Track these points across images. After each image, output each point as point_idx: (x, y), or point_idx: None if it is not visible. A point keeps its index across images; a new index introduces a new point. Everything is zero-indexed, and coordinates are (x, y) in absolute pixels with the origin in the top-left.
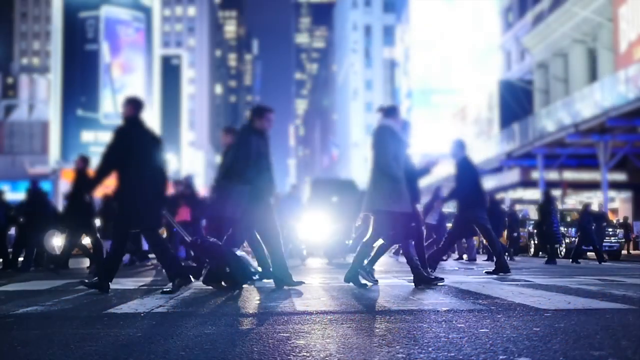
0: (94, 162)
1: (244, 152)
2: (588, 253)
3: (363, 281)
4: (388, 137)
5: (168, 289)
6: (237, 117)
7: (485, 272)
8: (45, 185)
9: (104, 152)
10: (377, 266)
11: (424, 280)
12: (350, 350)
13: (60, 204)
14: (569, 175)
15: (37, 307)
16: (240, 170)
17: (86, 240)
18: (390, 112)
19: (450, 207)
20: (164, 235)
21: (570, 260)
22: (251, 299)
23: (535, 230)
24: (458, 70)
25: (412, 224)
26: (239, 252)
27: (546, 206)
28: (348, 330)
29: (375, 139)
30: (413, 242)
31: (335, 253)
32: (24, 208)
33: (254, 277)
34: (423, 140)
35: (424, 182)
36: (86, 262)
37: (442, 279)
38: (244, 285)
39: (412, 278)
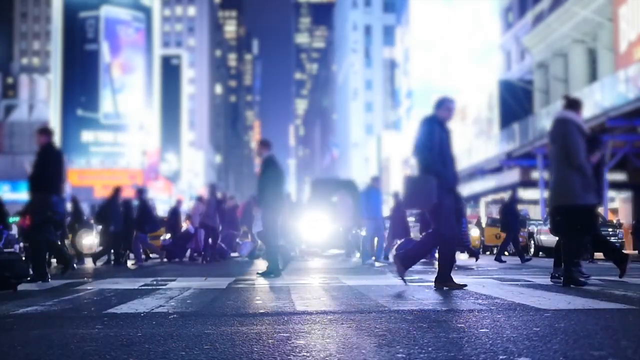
0: (94, 162)
1: (428, 143)
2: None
3: (581, 278)
4: (575, 130)
5: None
6: (237, 117)
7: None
8: None
9: None
10: (377, 266)
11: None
12: (350, 350)
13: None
14: None
15: (37, 307)
16: (426, 161)
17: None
18: (574, 104)
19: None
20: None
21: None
22: (251, 299)
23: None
24: (458, 70)
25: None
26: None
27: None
28: (348, 330)
29: (561, 131)
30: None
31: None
32: None
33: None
34: None
35: None
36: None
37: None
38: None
39: (411, 278)
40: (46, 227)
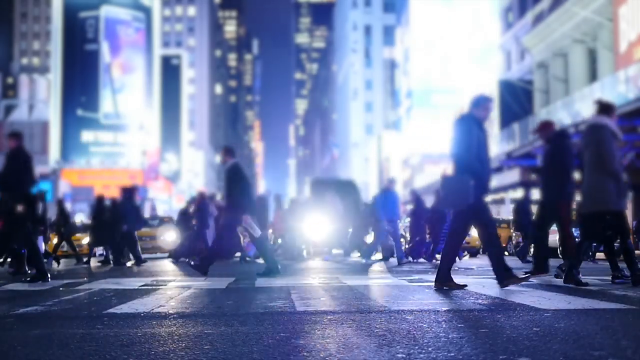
0: (95, 162)
1: (466, 142)
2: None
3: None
4: (609, 135)
5: None
6: (237, 117)
7: (191, 264)
8: (45, 185)
9: None
10: (377, 266)
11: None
12: (350, 350)
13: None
14: None
15: (37, 307)
16: (464, 161)
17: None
18: (607, 109)
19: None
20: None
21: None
22: (251, 299)
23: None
24: (458, 70)
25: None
26: None
27: (418, 206)
28: (348, 330)
29: (595, 137)
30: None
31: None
32: None
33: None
34: (423, 140)
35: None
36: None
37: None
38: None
39: (411, 278)
40: (23, 224)
